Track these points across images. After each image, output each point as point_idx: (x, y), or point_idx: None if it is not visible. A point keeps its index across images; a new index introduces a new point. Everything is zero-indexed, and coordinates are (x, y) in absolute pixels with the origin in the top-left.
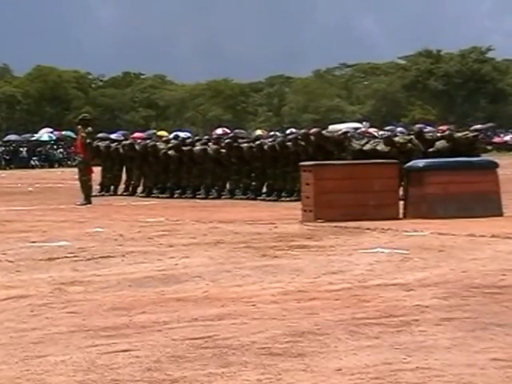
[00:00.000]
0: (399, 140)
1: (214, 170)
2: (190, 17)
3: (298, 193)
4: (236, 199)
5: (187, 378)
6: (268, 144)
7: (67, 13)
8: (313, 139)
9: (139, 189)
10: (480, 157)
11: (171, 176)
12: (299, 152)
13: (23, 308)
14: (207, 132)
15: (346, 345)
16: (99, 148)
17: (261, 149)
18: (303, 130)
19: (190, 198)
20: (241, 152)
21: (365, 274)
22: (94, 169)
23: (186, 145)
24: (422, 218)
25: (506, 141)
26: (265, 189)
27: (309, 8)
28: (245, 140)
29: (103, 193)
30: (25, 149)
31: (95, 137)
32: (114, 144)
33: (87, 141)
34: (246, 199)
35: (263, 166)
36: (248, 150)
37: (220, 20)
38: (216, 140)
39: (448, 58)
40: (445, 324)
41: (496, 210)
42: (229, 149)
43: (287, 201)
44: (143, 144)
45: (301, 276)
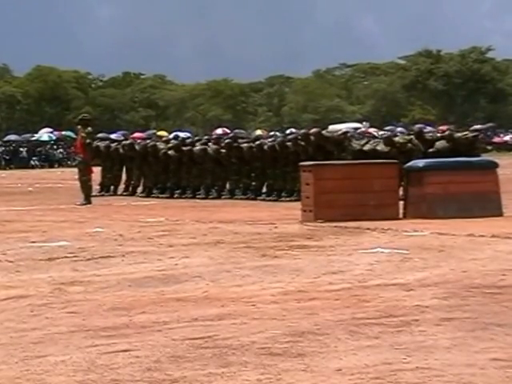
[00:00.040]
0: (399, 140)
1: (214, 170)
2: (190, 17)
3: (298, 193)
4: (236, 199)
5: (187, 378)
6: (268, 144)
7: (67, 13)
8: (313, 139)
9: (139, 189)
10: (480, 157)
11: (171, 176)
12: (299, 152)
13: (23, 308)
14: (207, 132)
15: (346, 345)
16: (99, 148)
17: (261, 149)
18: (303, 130)
19: (190, 198)
20: (241, 152)
21: (365, 274)
22: (94, 169)
23: (186, 145)
24: (422, 218)
25: (506, 141)
26: (265, 189)
27: (309, 8)
28: (245, 140)
29: (103, 193)
30: (25, 149)
31: (95, 137)
32: (114, 144)
33: (87, 141)
34: (246, 199)
35: (263, 166)
36: (248, 150)
37: (220, 20)
38: (216, 140)
39: (448, 58)
40: (445, 324)
41: (496, 210)
42: (229, 149)
43: (287, 201)
44: (143, 144)
45: (301, 276)
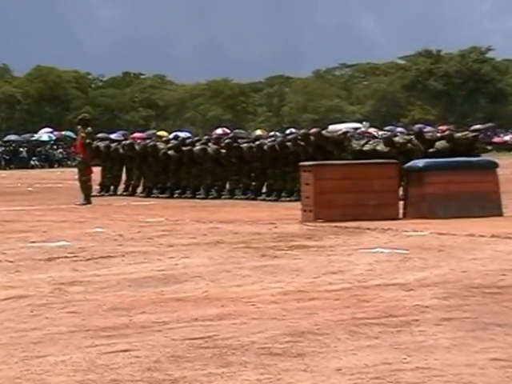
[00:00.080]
0: (399, 140)
1: (214, 170)
2: (190, 17)
3: (298, 193)
4: (236, 199)
5: (187, 378)
6: (268, 144)
7: (67, 13)
8: (312, 139)
9: (139, 189)
10: (480, 157)
11: (171, 176)
12: (299, 152)
13: (23, 308)
14: (207, 132)
15: (346, 345)
16: (99, 148)
17: (261, 149)
18: (303, 130)
19: (190, 198)
20: (241, 152)
21: (365, 274)
22: (94, 169)
23: (186, 145)
24: (422, 218)
25: (506, 141)
26: (265, 189)
27: (309, 8)
28: (244, 140)
29: (103, 193)
30: (25, 149)
31: (95, 137)
32: (114, 144)
33: (87, 141)
34: (246, 199)
35: (263, 166)
36: (248, 150)
37: (220, 20)
38: (216, 140)
39: (448, 58)
40: (445, 324)
41: (496, 210)
42: (228, 149)
43: (287, 201)
44: (143, 144)
45: (301, 276)
